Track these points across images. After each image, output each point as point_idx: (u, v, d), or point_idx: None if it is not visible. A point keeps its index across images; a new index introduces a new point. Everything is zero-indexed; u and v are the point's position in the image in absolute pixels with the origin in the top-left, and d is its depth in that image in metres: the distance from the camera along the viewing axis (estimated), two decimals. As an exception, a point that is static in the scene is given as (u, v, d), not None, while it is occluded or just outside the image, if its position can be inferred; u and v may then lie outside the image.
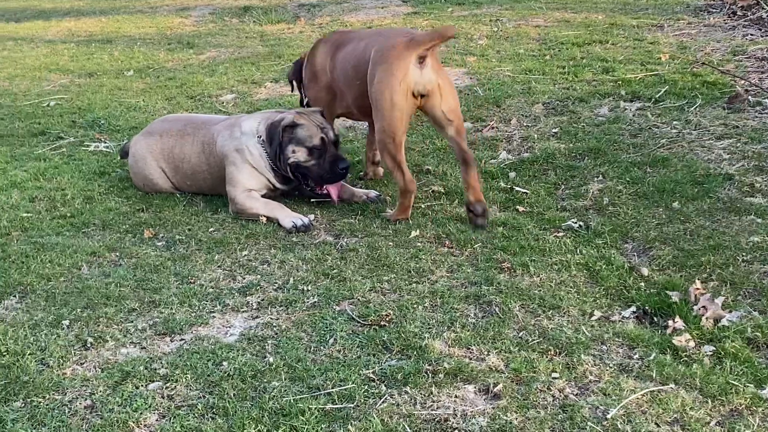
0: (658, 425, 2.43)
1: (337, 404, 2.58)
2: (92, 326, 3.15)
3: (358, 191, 4.42)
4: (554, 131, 5.18)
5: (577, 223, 3.89)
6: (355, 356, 2.86)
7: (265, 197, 4.32)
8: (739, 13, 7.78)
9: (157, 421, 2.57)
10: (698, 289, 3.08)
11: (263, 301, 3.31)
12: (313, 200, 4.38)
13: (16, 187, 4.83)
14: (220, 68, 7.91)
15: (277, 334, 3.04)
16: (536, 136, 5.13)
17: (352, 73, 4.20)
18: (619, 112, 5.38)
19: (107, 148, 5.64)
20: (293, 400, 2.60)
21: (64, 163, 5.31)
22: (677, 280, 3.25)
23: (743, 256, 3.41)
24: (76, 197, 4.62)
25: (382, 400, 2.60)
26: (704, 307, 2.97)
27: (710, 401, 2.52)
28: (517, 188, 4.37)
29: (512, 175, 4.58)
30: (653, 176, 4.32)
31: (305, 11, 11.14)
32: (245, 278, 3.54)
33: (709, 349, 2.78)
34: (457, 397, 2.60)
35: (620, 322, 3.01)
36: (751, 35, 7.02)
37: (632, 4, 9.25)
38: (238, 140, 4.36)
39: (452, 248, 3.73)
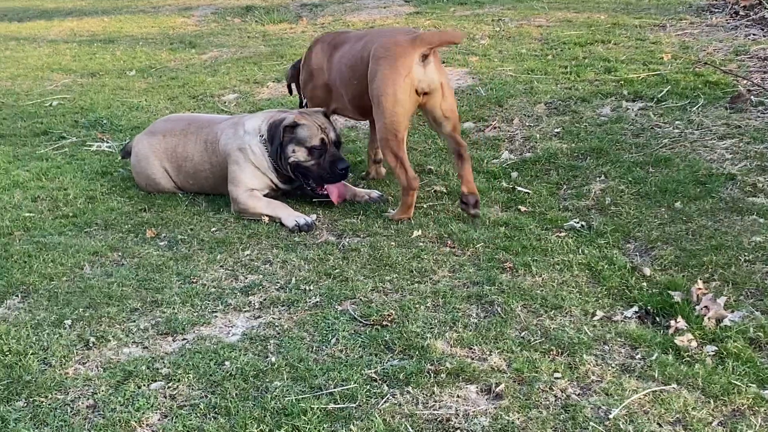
0: (660, 425, 2.43)
1: (339, 404, 2.58)
2: (94, 326, 3.15)
3: (360, 191, 4.42)
4: (556, 131, 5.17)
5: (579, 223, 3.88)
6: (357, 356, 2.86)
7: (267, 197, 4.33)
8: (741, 12, 7.76)
9: (159, 420, 2.57)
10: (700, 289, 3.08)
11: (265, 300, 3.32)
12: (315, 200, 4.38)
13: (18, 186, 4.84)
14: (222, 68, 7.91)
15: (279, 333, 3.04)
16: (538, 135, 5.13)
17: (348, 73, 4.20)
18: (621, 111, 5.37)
19: (109, 147, 5.65)
20: (295, 399, 2.60)
21: (66, 162, 5.32)
22: (679, 280, 3.24)
23: (745, 256, 3.40)
24: (78, 197, 4.63)
25: (384, 399, 2.60)
26: (706, 307, 2.97)
27: (712, 401, 2.52)
28: (519, 188, 4.37)
29: (514, 174, 4.58)
30: (655, 176, 4.32)
31: (307, 11, 11.14)
32: (247, 278, 3.54)
33: (711, 349, 2.78)
34: (459, 396, 2.61)
35: (622, 322, 3.01)
36: (753, 35, 7.00)
37: (634, 3, 9.24)
38: (241, 139, 4.36)
39: (454, 248, 3.73)
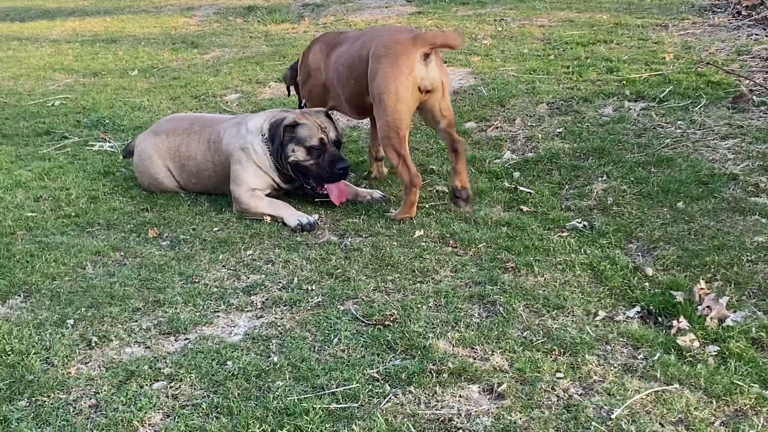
0: (662, 425, 2.43)
1: (341, 404, 2.58)
2: (97, 325, 3.15)
3: (362, 191, 4.42)
4: (558, 131, 5.17)
5: (581, 223, 3.88)
6: (359, 356, 2.86)
7: (269, 197, 4.33)
8: (743, 12, 7.75)
9: (161, 420, 2.57)
10: (702, 289, 3.08)
11: (267, 300, 3.32)
12: (317, 200, 4.38)
13: (20, 186, 4.84)
14: (224, 68, 7.92)
15: (281, 333, 3.05)
16: (540, 135, 5.13)
17: (346, 72, 4.21)
18: (623, 111, 5.37)
19: (112, 147, 5.66)
20: (297, 399, 2.60)
21: (68, 162, 5.33)
22: (681, 280, 3.24)
23: (748, 255, 3.40)
24: (80, 197, 4.64)
25: (386, 399, 2.60)
26: (709, 307, 2.96)
27: (715, 401, 2.52)
28: (521, 188, 4.37)
29: (516, 174, 4.58)
30: (658, 176, 4.31)
31: (309, 11, 11.14)
32: (249, 278, 3.54)
33: (713, 349, 2.78)
34: (461, 396, 2.60)
35: (624, 322, 3.01)
36: (755, 35, 7.00)
37: (636, 3, 9.23)
38: (243, 139, 4.37)
39: (456, 248, 3.73)
